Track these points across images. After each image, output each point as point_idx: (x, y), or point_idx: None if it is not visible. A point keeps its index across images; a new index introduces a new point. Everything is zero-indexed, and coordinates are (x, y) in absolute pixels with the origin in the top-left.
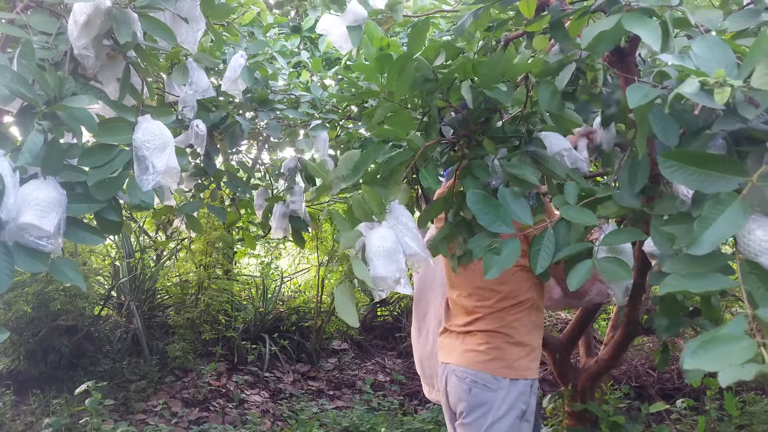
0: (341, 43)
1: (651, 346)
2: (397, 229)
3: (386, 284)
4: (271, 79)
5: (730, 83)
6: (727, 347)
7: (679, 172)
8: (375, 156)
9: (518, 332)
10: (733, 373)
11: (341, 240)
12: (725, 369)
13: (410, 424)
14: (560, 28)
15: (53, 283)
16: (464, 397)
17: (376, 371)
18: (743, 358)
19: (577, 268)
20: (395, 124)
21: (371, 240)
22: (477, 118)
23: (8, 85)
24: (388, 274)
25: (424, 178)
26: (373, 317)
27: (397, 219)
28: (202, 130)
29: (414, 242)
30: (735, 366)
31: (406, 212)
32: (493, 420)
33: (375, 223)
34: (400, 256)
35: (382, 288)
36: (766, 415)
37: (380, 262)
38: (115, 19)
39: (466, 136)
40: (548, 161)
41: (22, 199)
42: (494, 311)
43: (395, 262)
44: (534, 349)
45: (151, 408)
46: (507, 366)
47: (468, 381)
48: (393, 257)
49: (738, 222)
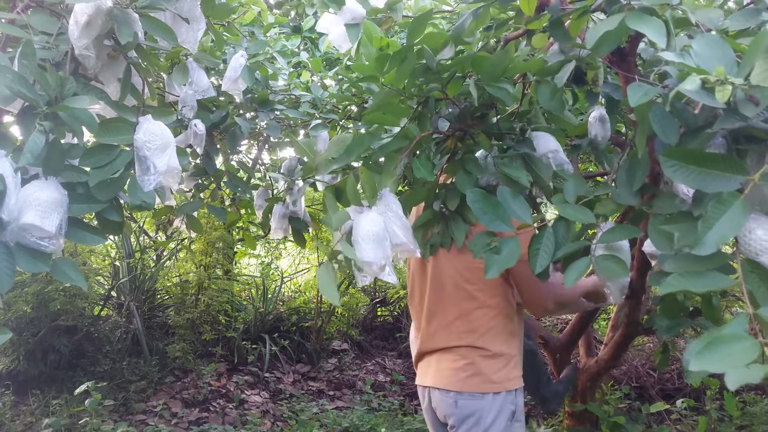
0: (340, 42)
1: (651, 347)
2: (387, 216)
3: (371, 270)
4: (272, 79)
5: (731, 81)
6: (730, 347)
7: (681, 170)
8: (370, 141)
9: (493, 344)
10: (741, 376)
11: (331, 221)
12: (731, 370)
13: (410, 424)
14: (560, 27)
15: (53, 283)
16: (452, 411)
17: (376, 372)
18: (748, 359)
19: (574, 265)
20: (390, 111)
21: (360, 223)
22: (473, 113)
23: (9, 85)
24: (374, 259)
25: (417, 168)
26: (374, 317)
27: (387, 206)
28: (201, 130)
29: (402, 232)
30: (740, 367)
31: (396, 201)
32: (485, 428)
33: (365, 207)
34: (387, 243)
35: (366, 273)
36: (766, 415)
37: (368, 246)
38: (116, 20)
39: (461, 130)
40: (536, 163)
41: (24, 200)
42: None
43: (382, 248)
44: (512, 357)
45: (151, 408)
46: (487, 381)
47: (452, 395)
48: (381, 243)
49: (740, 222)
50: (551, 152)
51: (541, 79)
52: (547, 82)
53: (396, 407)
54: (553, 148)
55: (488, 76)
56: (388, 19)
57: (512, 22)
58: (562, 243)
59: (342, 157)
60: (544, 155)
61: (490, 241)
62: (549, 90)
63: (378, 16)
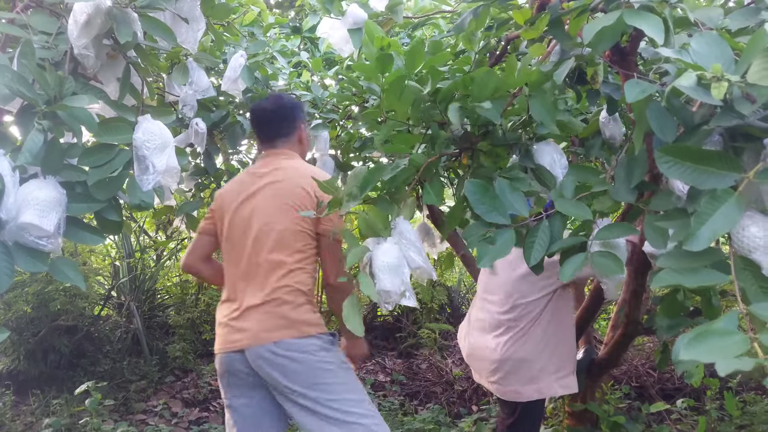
0: (342, 46)
1: (651, 346)
2: (402, 244)
3: (392, 298)
4: (272, 79)
5: (727, 78)
6: (721, 340)
7: (676, 167)
8: (380, 174)
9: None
10: (731, 363)
11: (348, 256)
12: (720, 360)
13: (410, 424)
14: (559, 26)
15: (53, 283)
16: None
17: (376, 371)
18: (737, 352)
19: (571, 259)
20: (399, 142)
21: (377, 256)
22: (477, 131)
23: (8, 84)
24: (393, 288)
25: (427, 193)
26: (374, 317)
27: (401, 234)
28: (202, 129)
29: (418, 256)
30: (730, 358)
31: (410, 228)
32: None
33: (381, 238)
34: (405, 270)
35: (387, 301)
36: (766, 415)
37: (386, 277)
38: (116, 19)
39: (468, 149)
40: (542, 172)
41: (22, 199)
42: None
43: (400, 276)
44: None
45: (151, 408)
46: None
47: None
48: (397, 272)
49: (734, 218)
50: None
51: (533, 93)
52: (538, 95)
53: (396, 407)
54: (554, 157)
55: (478, 96)
56: (389, 21)
57: (513, 22)
58: (558, 236)
59: (358, 192)
60: (548, 164)
61: (485, 231)
62: (540, 103)
63: (379, 19)
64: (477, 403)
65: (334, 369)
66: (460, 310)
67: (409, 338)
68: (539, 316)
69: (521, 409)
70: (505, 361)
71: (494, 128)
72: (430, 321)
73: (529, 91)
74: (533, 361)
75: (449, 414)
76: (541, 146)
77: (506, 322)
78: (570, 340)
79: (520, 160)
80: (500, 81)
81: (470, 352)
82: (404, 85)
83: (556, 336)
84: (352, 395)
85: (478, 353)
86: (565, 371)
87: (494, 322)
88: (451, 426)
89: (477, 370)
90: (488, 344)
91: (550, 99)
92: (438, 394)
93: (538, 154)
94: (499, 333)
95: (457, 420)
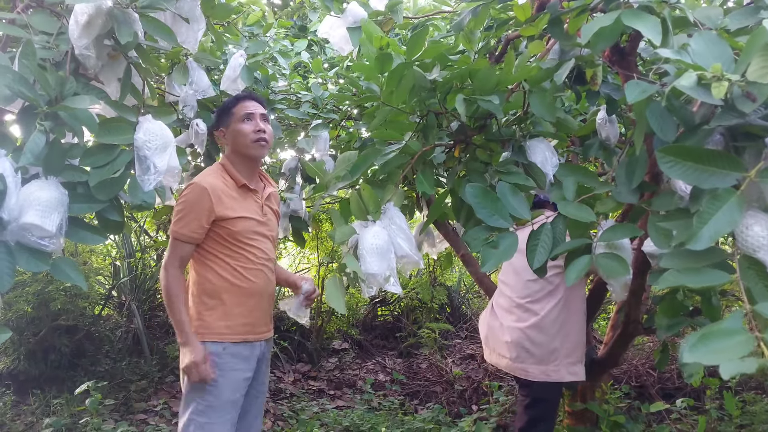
0: (341, 45)
1: (651, 346)
2: (391, 229)
3: (376, 281)
4: (272, 80)
5: (728, 77)
6: (725, 341)
7: (677, 167)
8: (373, 158)
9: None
10: (734, 366)
11: (335, 234)
12: (724, 363)
13: (411, 423)
14: (559, 25)
15: (54, 283)
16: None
17: (376, 371)
18: (742, 352)
19: (575, 262)
20: (393, 128)
21: (365, 237)
22: (473, 124)
23: (9, 85)
24: (379, 271)
25: (420, 182)
26: (374, 317)
27: (391, 220)
28: (203, 129)
29: (406, 244)
30: (734, 360)
31: (400, 214)
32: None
33: (369, 222)
34: (392, 256)
35: (372, 284)
36: (766, 414)
37: (373, 259)
38: (116, 20)
39: (462, 142)
40: (533, 169)
41: (24, 199)
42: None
43: (387, 260)
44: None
45: (151, 408)
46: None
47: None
48: (385, 255)
49: (736, 218)
50: (545, 159)
51: (533, 89)
52: (538, 92)
53: (396, 406)
54: (546, 155)
55: (480, 89)
56: (389, 21)
57: (512, 22)
58: (561, 239)
59: (348, 175)
60: (540, 162)
61: (488, 235)
62: (540, 99)
63: (379, 19)
64: (477, 402)
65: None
66: (460, 309)
67: (409, 338)
68: (553, 301)
69: (534, 390)
70: (518, 341)
71: (490, 122)
72: (430, 321)
73: (529, 87)
74: (545, 344)
75: (449, 413)
76: (534, 143)
77: (522, 305)
78: (581, 328)
79: (512, 156)
80: (503, 76)
81: (488, 333)
82: (404, 71)
83: (568, 322)
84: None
85: (495, 332)
86: (574, 357)
87: (511, 304)
88: (451, 425)
89: (491, 348)
90: (505, 324)
91: (549, 96)
92: (438, 394)
93: (530, 150)
94: (515, 316)
95: (457, 419)
